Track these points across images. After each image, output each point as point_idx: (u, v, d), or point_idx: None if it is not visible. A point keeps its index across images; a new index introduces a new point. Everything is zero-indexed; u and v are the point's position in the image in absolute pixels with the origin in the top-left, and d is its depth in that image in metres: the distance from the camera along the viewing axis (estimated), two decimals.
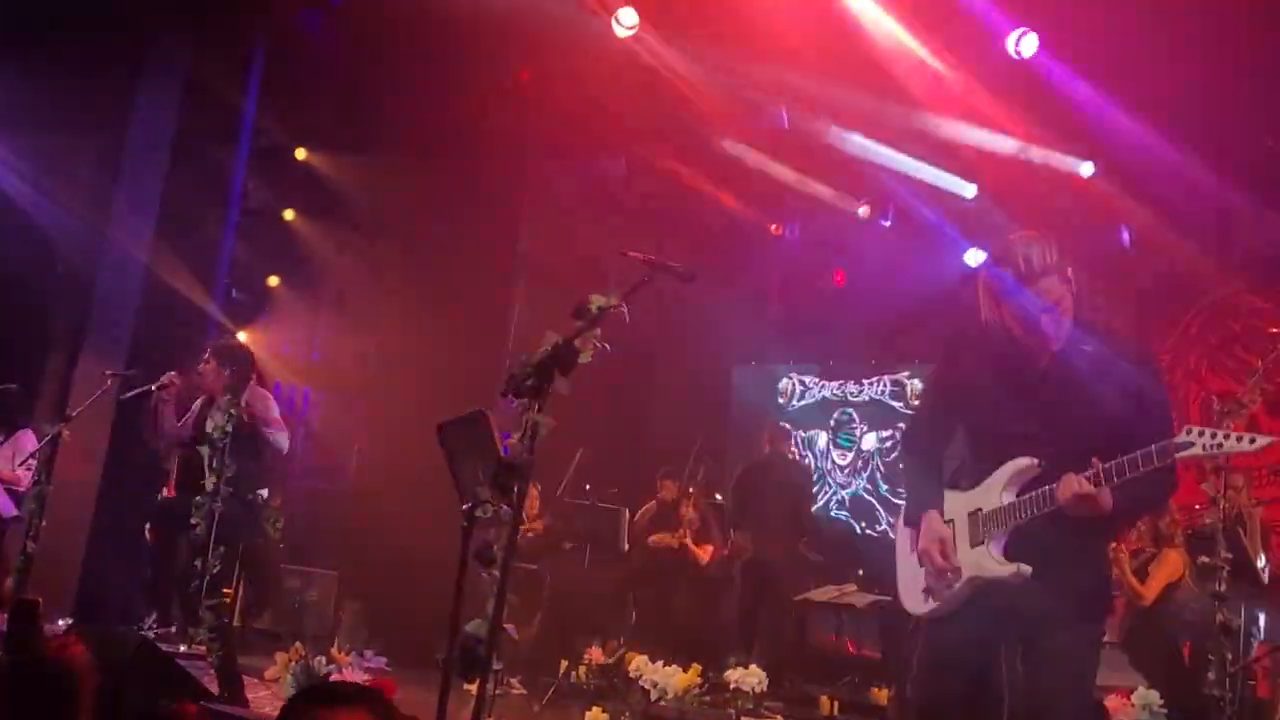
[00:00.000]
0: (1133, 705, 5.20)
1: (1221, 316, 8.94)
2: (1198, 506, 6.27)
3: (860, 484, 10.56)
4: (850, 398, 10.87)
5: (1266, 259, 8.54)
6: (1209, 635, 5.11)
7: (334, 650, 5.08)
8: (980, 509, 3.09)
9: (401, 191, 9.21)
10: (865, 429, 10.72)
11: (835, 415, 10.90)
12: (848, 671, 7.99)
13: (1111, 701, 5.28)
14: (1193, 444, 2.77)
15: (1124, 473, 2.82)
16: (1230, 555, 5.27)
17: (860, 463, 10.66)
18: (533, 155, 9.22)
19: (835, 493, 10.66)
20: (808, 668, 8.01)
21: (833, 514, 10.49)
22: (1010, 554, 3.01)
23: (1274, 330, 5.54)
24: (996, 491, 3.05)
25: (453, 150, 8.94)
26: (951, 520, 3.15)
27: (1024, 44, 7.49)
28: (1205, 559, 5.41)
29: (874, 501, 10.36)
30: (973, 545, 3.07)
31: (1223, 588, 5.16)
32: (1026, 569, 2.95)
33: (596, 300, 3.78)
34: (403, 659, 6.35)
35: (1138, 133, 7.92)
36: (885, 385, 10.72)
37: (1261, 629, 5.72)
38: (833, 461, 10.79)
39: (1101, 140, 8.21)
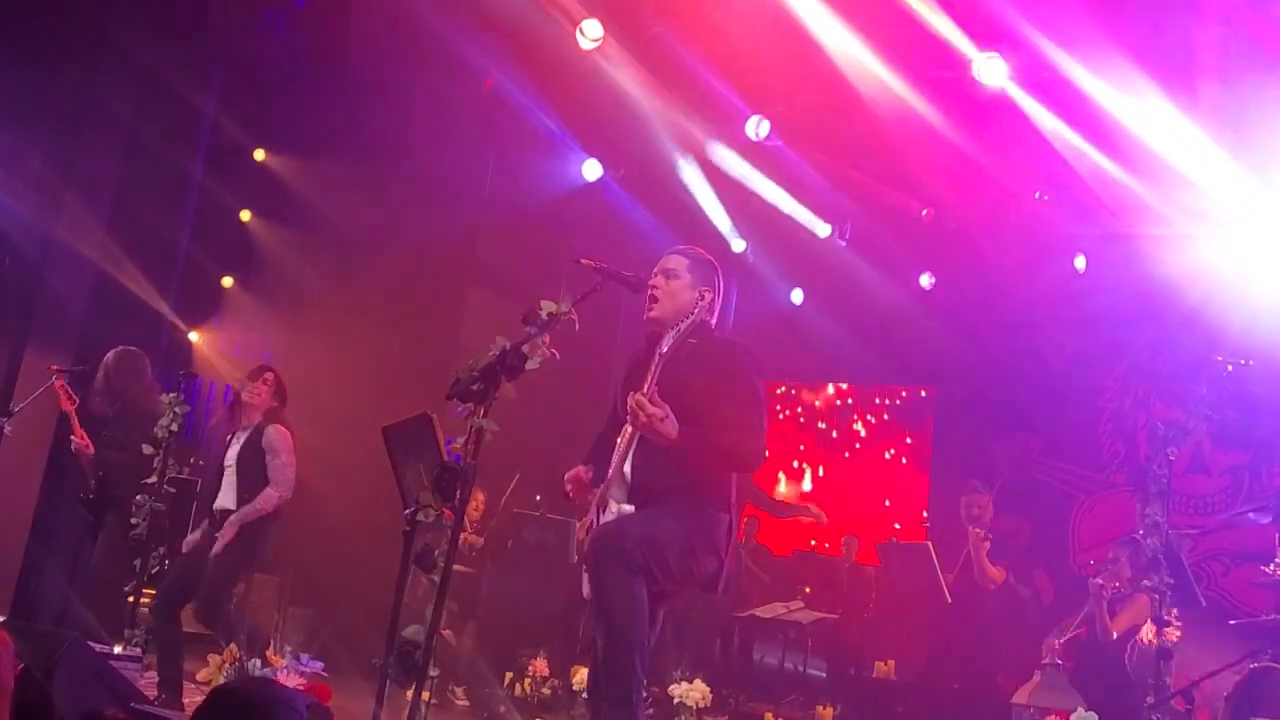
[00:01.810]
0: None
1: (1172, 345, 9.05)
2: (1140, 532, 6.33)
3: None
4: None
5: None
6: (1151, 659, 5.17)
7: (270, 653, 5.02)
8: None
9: (360, 195, 9.17)
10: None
11: None
12: (792, 689, 8.00)
13: None
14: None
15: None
16: (1172, 580, 5.34)
17: None
18: (492, 163, 9.21)
19: None
20: (753, 685, 8.01)
21: None
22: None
23: (1220, 358, 5.58)
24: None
25: (412, 156, 8.92)
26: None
27: (987, 70, 7.58)
28: (1148, 583, 5.48)
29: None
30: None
31: (1164, 613, 5.23)
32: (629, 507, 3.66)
33: (547, 307, 3.78)
34: (344, 664, 6.27)
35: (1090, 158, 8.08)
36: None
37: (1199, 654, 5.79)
38: None
39: (1056, 165, 8.34)
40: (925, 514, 9.99)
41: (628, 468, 3.74)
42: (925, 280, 9.99)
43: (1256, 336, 7.57)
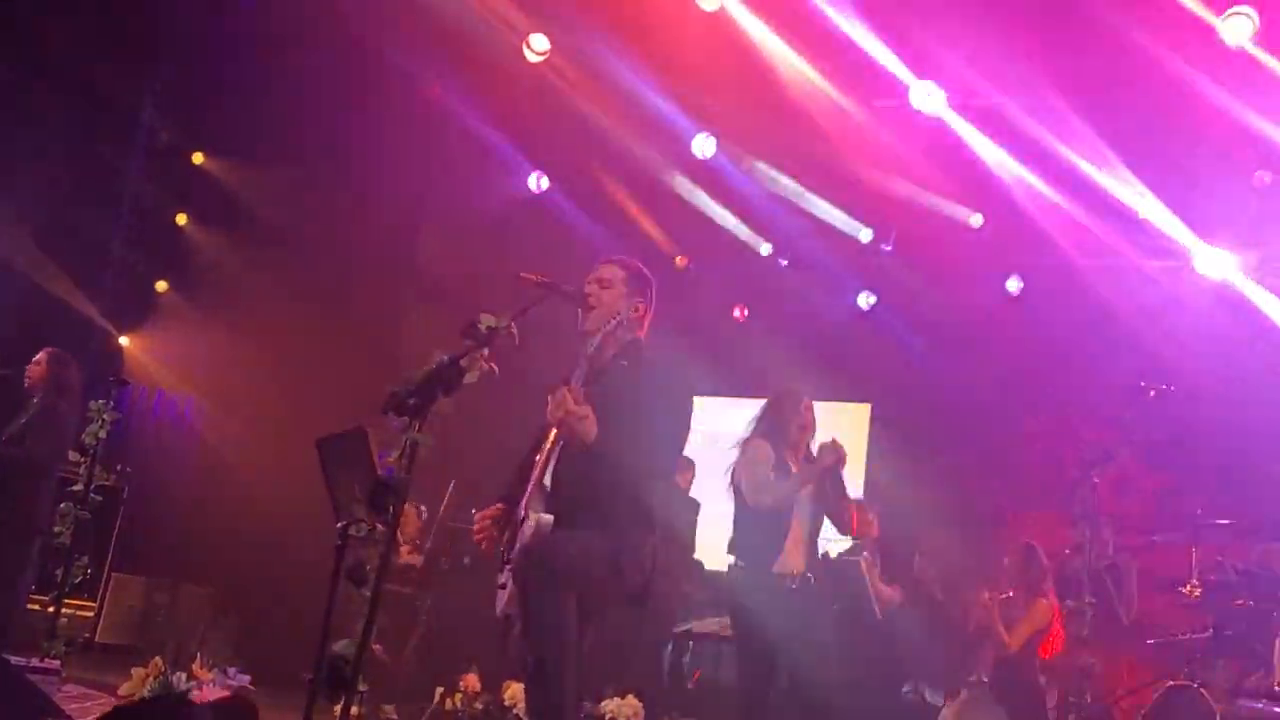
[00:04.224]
0: None
1: (1102, 370, 9.22)
2: (1067, 551, 6.46)
3: None
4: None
5: None
6: (1072, 677, 5.28)
7: (195, 666, 4.93)
8: None
9: (300, 202, 9.07)
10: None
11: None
12: (726, 705, 8.00)
13: None
14: None
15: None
16: (1094, 600, 5.46)
17: None
18: (436, 172, 9.17)
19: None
20: (687, 701, 8.00)
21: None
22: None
23: (1142, 384, 5.74)
24: None
25: (354, 163, 8.84)
26: None
27: (925, 98, 7.73)
28: (1071, 602, 5.60)
29: None
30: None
31: (1086, 632, 5.34)
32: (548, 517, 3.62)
33: (486, 320, 3.75)
34: (275, 678, 6.18)
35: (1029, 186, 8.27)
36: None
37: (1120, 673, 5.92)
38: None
39: (992, 191, 8.52)
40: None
41: (548, 479, 3.72)
42: (864, 300, 10.16)
43: (1184, 363, 7.79)
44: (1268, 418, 7.87)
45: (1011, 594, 6.32)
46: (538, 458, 3.78)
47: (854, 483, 10.34)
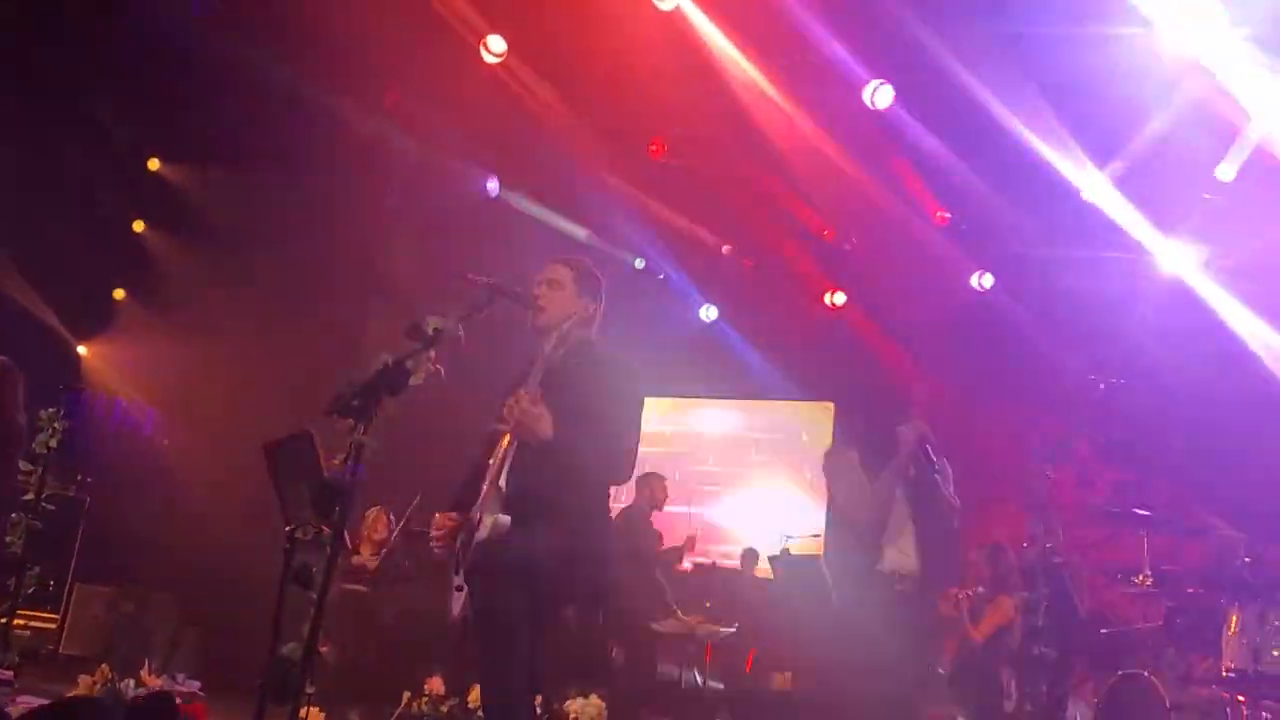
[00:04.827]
0: None
1: (1063, 365, 9.30)
2: (1025, 544, 6.52)
3: None
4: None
5: None
6: (1027, 666, 5.34)
7: (143, 673, 4.90)
8: None
9: (258, 207, 9.02)
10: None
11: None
12: (691, 703, 8.03)
13: None
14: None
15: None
16: (1049, 591, 5.52)
17: None
18: (396, 175, 9.14)
19: None
20: (652, 700, 8.02)
21: None
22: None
23: (1093, 377, 5.81)
24: None
25: (313, 167, 8.80)
26: None
27: (879, 95, 7.78)
28: (1026, 594, 5.65)
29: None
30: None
31: (1041, 622, 5.40)
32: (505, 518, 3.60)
33: (432, 322, 3.74)
34: (242, 683, 6.14)
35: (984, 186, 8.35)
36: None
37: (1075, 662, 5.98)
38: None
39: (952, 191, 8.59)
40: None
41: (503, 480, 3.72)
42: (830, 299, 10.22)
43: (1143, 358, 7.89)
44: (1221, 411, 7.98)
45: (980, 590, 6.37)
46: (492, 460, 3.78)
47: (821, 480, 10.47)
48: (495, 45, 8.05)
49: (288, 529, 3.73)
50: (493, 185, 9.28)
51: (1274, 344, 8.14)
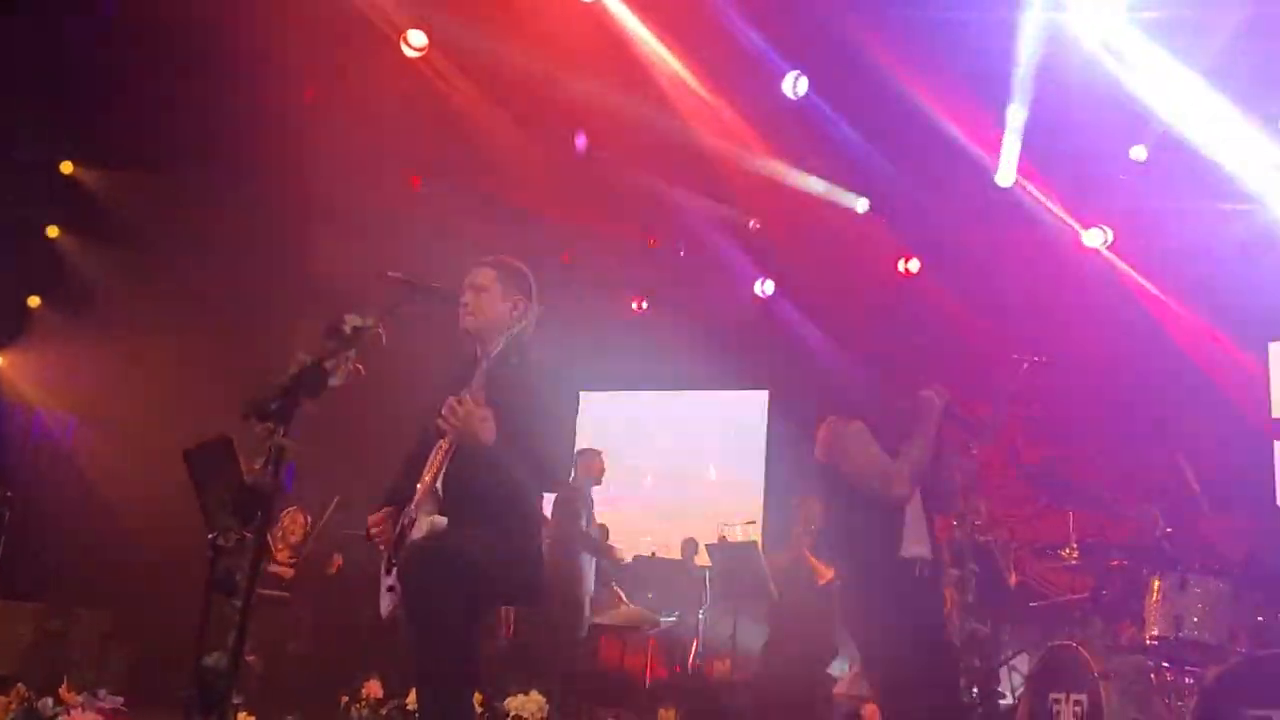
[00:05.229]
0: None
1: (986, 345, 9.45)
2: (954, 523, 6.62)
3: None
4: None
5: None
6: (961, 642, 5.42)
7: (63, 690, 4.77)
8: None
9: (177, 209, 8.82)
10: None
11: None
12: (634, 693, 8.05)
13: (867, 710, 5.52)
14: None
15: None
16: (976, 568, 5.61)
17: None
18: (320, 175, 9.00)
19: None
20: (594, 692, 8.03)
21: None
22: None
23: (1015, 356, 5.91)
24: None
25: (233, 167, 8.63)
26: None
27: (799, 85, 7.85)
28: (956, 571, 5.74)
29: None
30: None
31: (972, 598, 5.49)
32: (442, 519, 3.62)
33: (351, 321, 3.70)
34: (161, 697, 6.03)
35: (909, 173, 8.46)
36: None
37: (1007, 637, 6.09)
38: None
39: (876, 178, 8.68)
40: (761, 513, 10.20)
41: (439, 483, 3.72)
42: (759, 287, 10.30)
43: (1067, 338, 8.04)
44: (1140, 387, 8.19)
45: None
46: (430, 456, 3.77)
47: (756, 467, 10.57)
48: (416, 39, 7.98)
49: (210, 536, 3.64)
50: (418, 181, 9.19)
51: (1186, 321, 8.37)
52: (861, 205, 9.21)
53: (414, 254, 8.79)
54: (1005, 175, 8.28)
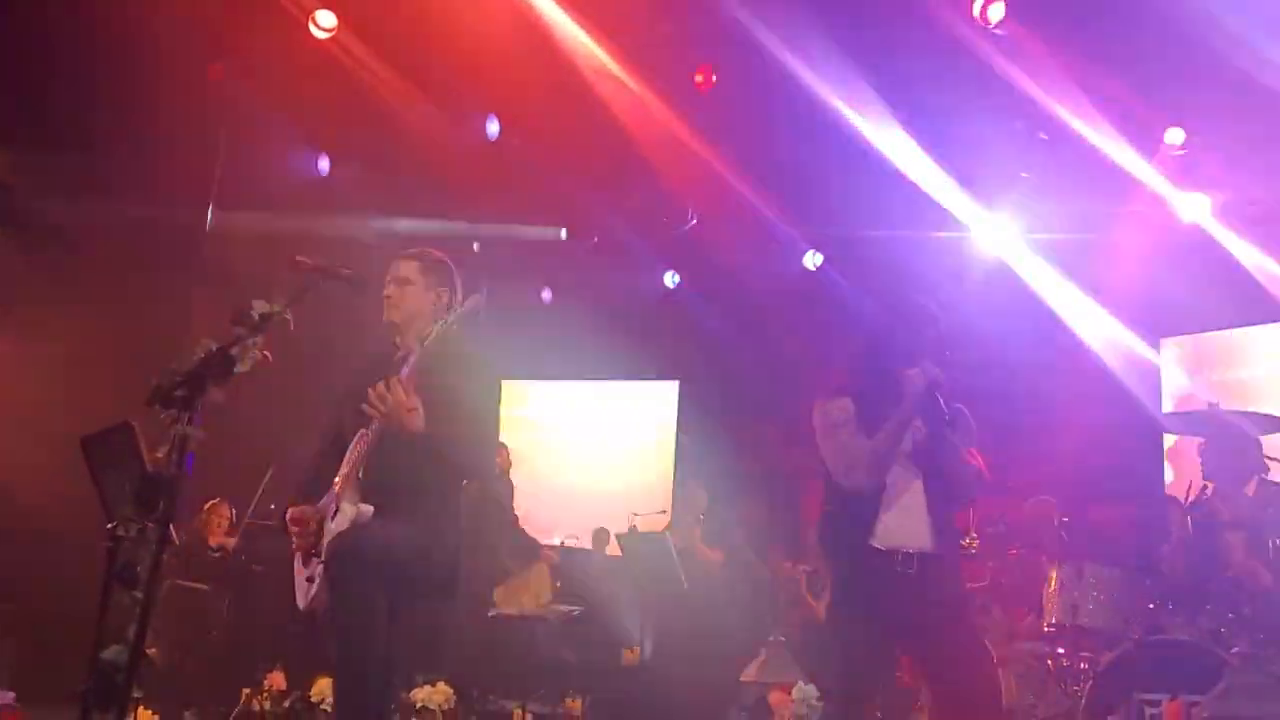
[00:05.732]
0: (792, 700, 5.54)
1: (894, 340, 9.62)
2: None
3: None
4: None
5: None
6: None
7: None
8: None
9: (73, 194, 8.49)
10: None
11: None
12: (542, 683, 8.03)
13: (774, 697, 5.61)
14: None
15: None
16: None
17: None
18: (221, 156, 8.77)
19: None
20: (502, 683, 7.99)
21: None
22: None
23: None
24: None
25: (135, 151, 8.35)
26: None
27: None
28: None
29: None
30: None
31: None
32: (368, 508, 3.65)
33: (259, 307, 3.65)
34: (54, 692, 5.84)
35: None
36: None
37: None
38: None
39: (783, 172, 8.77)
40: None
41: (361, 471, 3.72)
42: (669, 278, 10.40)
43: (968, 332, 8.24)
44: (1039, 382, 8.44)
45: (816, 566, 6.55)
46: (351, 444, 3.77)
47: (666, 456, 10.64)
48: (324, 20, 7.83)
49: (109, 526, 3.54)
50: (324, 164, 9.03)
51: (1087, 315, 8.65)
52: (769, 202, 9.28)
53: (316, 238, 8.69)
54: (913, 169, 8.40)
